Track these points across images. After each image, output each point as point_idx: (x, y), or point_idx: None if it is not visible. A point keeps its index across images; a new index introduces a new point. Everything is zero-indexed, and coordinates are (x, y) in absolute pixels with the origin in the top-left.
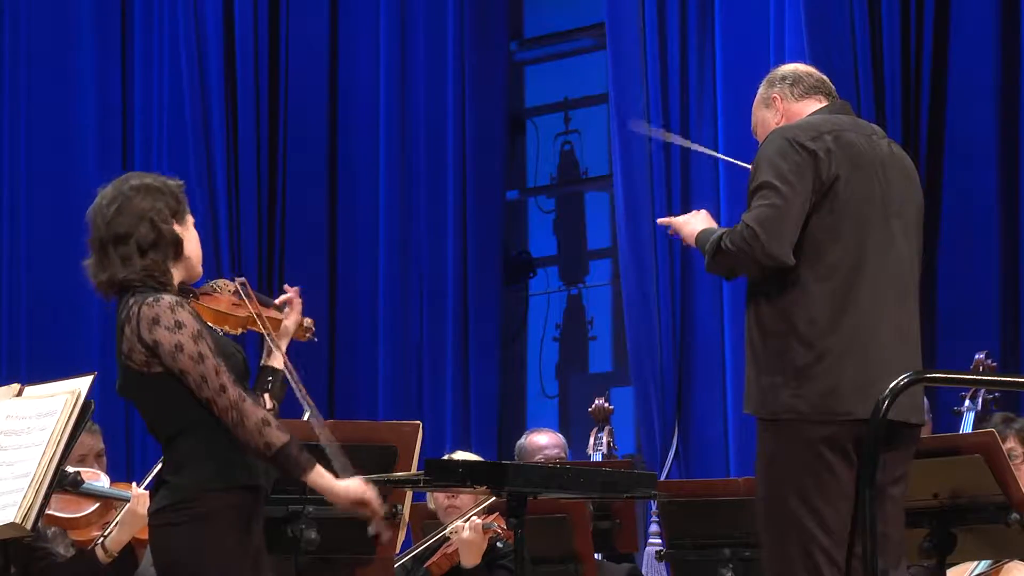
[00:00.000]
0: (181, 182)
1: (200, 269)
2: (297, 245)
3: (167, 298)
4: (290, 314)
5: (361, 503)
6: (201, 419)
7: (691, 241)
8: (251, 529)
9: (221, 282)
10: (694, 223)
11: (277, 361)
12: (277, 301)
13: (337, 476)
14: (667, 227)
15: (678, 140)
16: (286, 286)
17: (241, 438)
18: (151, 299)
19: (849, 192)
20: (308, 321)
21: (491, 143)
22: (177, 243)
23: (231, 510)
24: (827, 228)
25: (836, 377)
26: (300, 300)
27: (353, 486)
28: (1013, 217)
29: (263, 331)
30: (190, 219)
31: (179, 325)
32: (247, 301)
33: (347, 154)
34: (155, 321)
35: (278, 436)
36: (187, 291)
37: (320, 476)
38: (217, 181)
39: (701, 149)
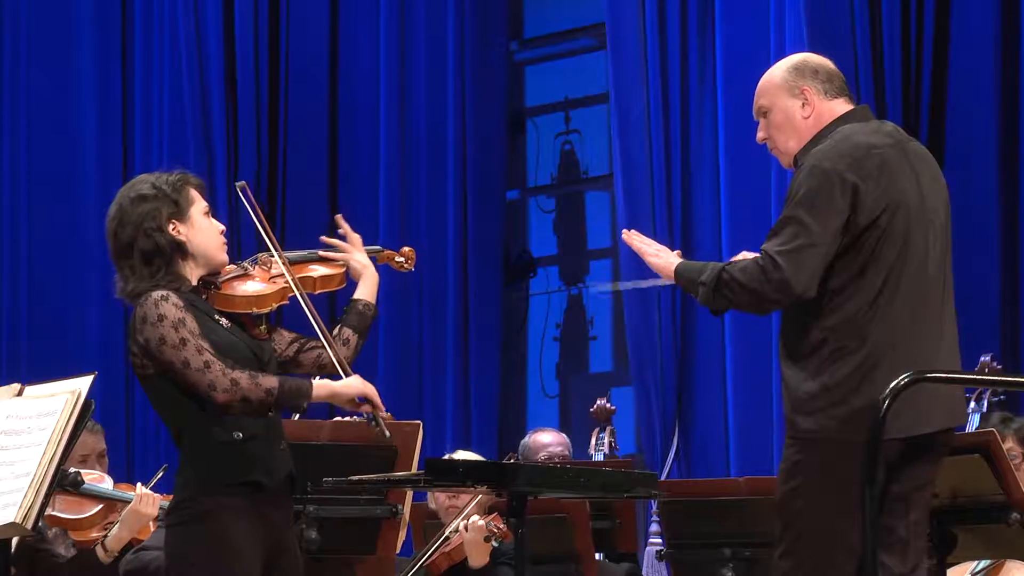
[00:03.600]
0: (180, 175)
1: (222, 257)
2: (297, 245)
3: (154, 294)
4: (348, 254)
5: (364, 398)
6: (195, 418)
7: (667, 272)
8: (253, 528)
9: (263, 256)
10: (667, 256)
11: (360, 292)
12: (331, 241)
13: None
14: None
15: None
16: (339, 217)
17: (244, 399)
18: (141, 299)
19: (891, 214)
20: (406, 250)
21: (491, 143)
22: (177, 246)
23: (228, 510)
24: (868, 249)
25: (875, 393)
26: (356, 236)
27: (354, 382)
28: (1013, 217)
29: (296, 292)
30: (195, 212)
31: (161, 318)
32: (275, 255)
33: (347, 154)
34: (144, 320)
35: (271, 379)
36: (208, 283)
37: (323, 386)
38: (217, 181)
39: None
